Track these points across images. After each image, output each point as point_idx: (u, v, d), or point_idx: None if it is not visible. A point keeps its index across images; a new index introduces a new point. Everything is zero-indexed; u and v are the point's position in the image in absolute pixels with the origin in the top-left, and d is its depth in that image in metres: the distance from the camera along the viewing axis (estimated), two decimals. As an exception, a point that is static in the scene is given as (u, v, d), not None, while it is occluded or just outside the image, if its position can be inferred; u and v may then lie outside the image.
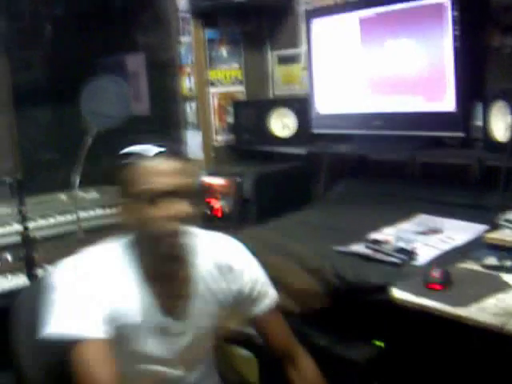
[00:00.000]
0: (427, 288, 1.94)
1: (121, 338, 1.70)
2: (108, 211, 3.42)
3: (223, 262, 1.86)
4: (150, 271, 1.74)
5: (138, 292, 1.73)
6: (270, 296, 1.94)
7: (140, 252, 1.74)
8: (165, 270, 1.75)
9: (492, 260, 2.06)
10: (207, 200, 3.27)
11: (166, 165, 1.65)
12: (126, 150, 1.71)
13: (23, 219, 2.66)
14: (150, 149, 1.68)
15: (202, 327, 1.85)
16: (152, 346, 1.76)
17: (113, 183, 1.75)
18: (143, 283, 1.74)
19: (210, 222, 3.26)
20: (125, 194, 1.70)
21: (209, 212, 3.25)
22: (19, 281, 2.89)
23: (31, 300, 1.97)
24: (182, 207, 1.64)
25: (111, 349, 1.64)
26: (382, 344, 2.32)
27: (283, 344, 1.98)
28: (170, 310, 1.77)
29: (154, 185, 1.63)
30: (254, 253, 1.98)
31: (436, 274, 1.95)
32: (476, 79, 2.69)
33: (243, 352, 2.52)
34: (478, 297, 1.84)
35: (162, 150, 1.67)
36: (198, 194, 1.72)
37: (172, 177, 1.64)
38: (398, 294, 1.98)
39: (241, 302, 1.91)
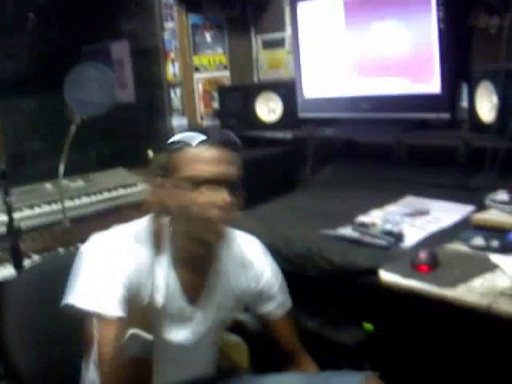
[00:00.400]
0: (414, 269, 1.94)
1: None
2: (94, 199, 3.39)
3: (247, 259, 1.92)
4: (180, 255, 1.76)
5: (165, 275, 1.75)
6: (285, 301, 2.01)
7: (173, 235, 1.74)
8: (196, 255, 1.77)
9: (479, 241, 2.06)
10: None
11: (210, 153, 1.67)
12: (174, 137, 1.74)
13: (9, 209, 2.64)
14: (196, 136, 1.70)
15: (219, 318, 1.87)
16: (172, 331, 1.79)
17: (157, 168, 1.74)
18: (171, 267, 1.76)
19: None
20: (169, 179, 1.68)
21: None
22: (6, 272, 2.87)
23: (20, 290, 1.96)
24: (223, 195, 1.65)
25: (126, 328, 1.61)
26: (371, 326, 2.33)
27: (290, 348, 2.03)
28: (193, 297, 1.80)
29: (198, 171, 1.65)
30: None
31: (423, 255, 1.95)
32: (461, 60, 2.69)
33: (234, 338, 2.52)
34: (465, 277, 1.84)
35: (207, 138, 1.69)
36: (239, 183, 1.74)
37: (215, 165, 1.66)
38: (385, 276, 1.98)
39: (257, 300, 1.96)
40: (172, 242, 1.75)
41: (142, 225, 1.76)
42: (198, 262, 1.80)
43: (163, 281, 1.74)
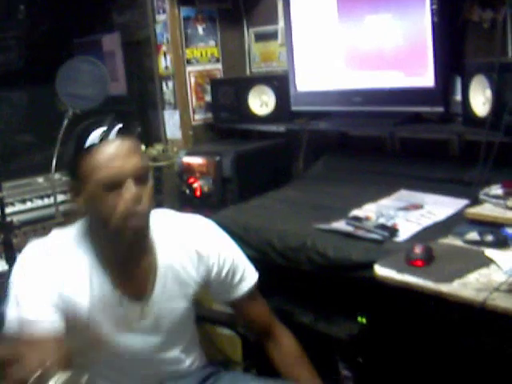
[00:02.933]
0: (409, 264, 1.94)
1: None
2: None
3: (191, 247, 1.86)
4: (108, 258, 1.75)
5: (96, 278, 1.74)
6: (248, 277, 1.95)
7: (98, 239, 1.75)
8: (126, 257, 1.76)
9: (473, 235, 2.07)
10: (188, 180, 3.26)
11: (108, 152, 1.63)
12: (75, 138, 1.69)
13: (1, 204, 2.63)
14: (96, 135, 1.65)
15: (167, 311, 1.84)
16: (115, 331, 1.77)
17: (69, 174, 1.73)
18: (101, 269, 1.75)
19: (190, 201, 3.25)
20: (83, 183, 1.67)
21: (188, 192, 3.24)
22: (-2, 266, 2.87)
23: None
24: (136, 191, 1.64)
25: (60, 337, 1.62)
26: (365, 321, 2.33)
27: (263, 323, 2.00)
28: (130, 295, 1.78)
29: (105, 173, 1.62)
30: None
31: (418, 250, 1.95)
32: (455, 54, 2.68)
33: (226, 331, 2.52)
34: (460, 272, 1.84)
35: (107, 134, 1.65)
36: (146, 171, 1.70)
37: (122, 161, 1.63)
38: (380, 270, 1.98)
39: (215, 286, 1.92)
40: (98, 245, 1.75)
41: (67, 231, 1.80)
42: (130, 261, 1.78)
43: (95, 283, 1.74)
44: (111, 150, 1.63)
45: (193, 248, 1.86)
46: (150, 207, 1.70)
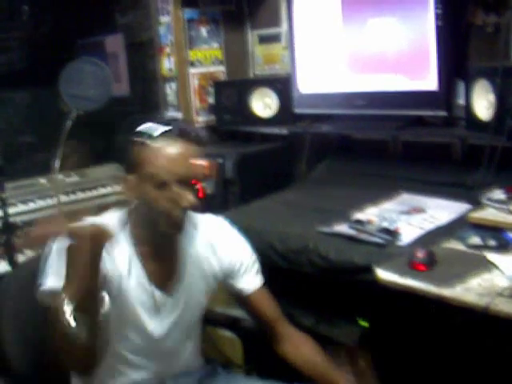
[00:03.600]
0: (412, 268, 1.94)
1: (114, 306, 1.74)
2: (89, 194, 3.38)
3: (214, 240, 1.92)
4: (144, 245, 1.80)
5: (131, 264, 1.78)
6: (257, 276, 1.99)
7: (138, 226, 1.80)
8: (159, 247, 1.81)
9: (476, 239, 2.06)
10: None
11: (173, 149, 1.69)
12: (142, 127, 1.74)
13: (3, 205, 2.63)
14: (158, 128, 1.71)
15: (191, 304, 1.89)
16: (145, 320, 1.81)
17: (124, 159, 1.78)
18: (137, 256, 1.79)
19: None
20: (135, 172, 1.73)
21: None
22: (0, 267, 2.86)
23: (14, 286, 1.95)
24: (188, 197, 1.68)
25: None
26: (366, 324, 2.33)
27: (270, 320, 1.99)
28: (161, 285, 1.82)
29: (161, 171, 1.68)
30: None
31: (420, 254, 1.95)
32: (458, 58, 2.68)
33: (228, 334, 2.52)
34: (462, 277, 1.84)
35: (169, 129, 1.71)
36: (203, 179, 1.75)
37: (178, 165, 1.68)
38: (382, 274, 1.98)
39: (230, 278, 1.95)
40: (137, 232, 1.80)
41: (110, 215, 1.85)
42: (161, 250, 1.83)
43: (130, 269, 1.77)
44: (171, 150, 1.68)
45: (216, 242, 1.92)
46: (190, 208, 1.73)
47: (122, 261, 1.77)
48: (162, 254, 1.84)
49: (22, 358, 1.95)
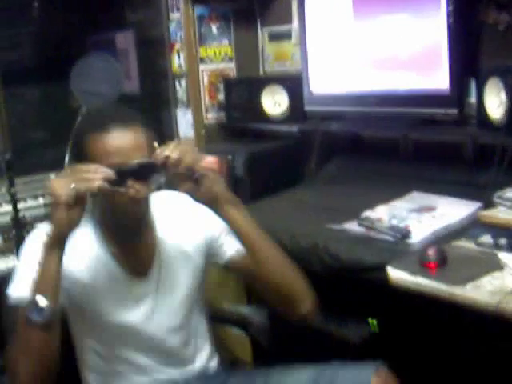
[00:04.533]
0: (422, 267, 1.93)
1: (87, 303, 1.74)
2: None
3: (184, 215, 1.87)
4: (110, 235, 1.77)
5: (99, 254, 1.75)
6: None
7: (100, 217, 1.77)
8: (125, 235, 1.77)
9: (487, 238, 2.05)
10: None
11: (114, 141, 1.61)
12: (86, 120, 1.74)
13: (13, 200, 2.63)
14: (99, 121, 1.67)
15: (175, 287, 1.83)
16: (124, 311, 1.77)
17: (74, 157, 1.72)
18: (104, 246, 1.76)
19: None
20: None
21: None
22: (10, 262, 2.87)
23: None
24: (139, 188, 1.61)
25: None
26: (376, 323, 2.32)
27: None
28: (134, 271, 1.78)
29: (109, 163, 1.59)
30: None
31: (431, 252, 1.94)
32: (470, 56, 2.67)
33: (235, 331, 2.51)
34: (473, 276, 1.83)
35: (118, 120, 1.65)
36: (151, 165, 1.63)
37: (128, 154, 1.60)
38: (392, 273, 1.97)
39: (213, 248, 1.89)
40: (101, 225, 1.77)
41: None
42: (128, 238, 1.78)
43: (99, 260, 1.75)
44: (117, 139, 1.62)
45: (185, 218, 1.87)
46: (148, 202, 1.72)
47: (90, 255, 1.74)
48: (131, 241, 1.78)
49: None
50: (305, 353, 2.52)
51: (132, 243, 1.79)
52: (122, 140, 1.62)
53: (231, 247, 1.87)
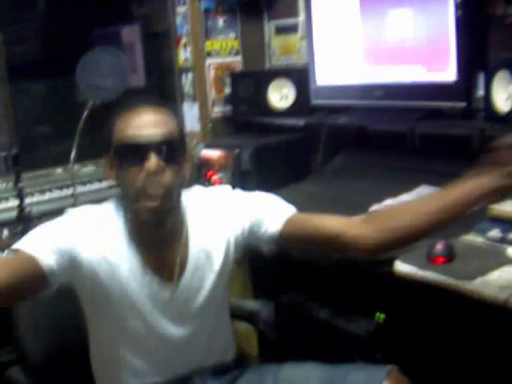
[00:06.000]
0: (431, 261, 1.93)
1: (111, 293, 1.70)
2: (105, 184, 3.38)
3: (219, 211, 1.82)
4: (138, 236, 1.72)
5: (126, 255, 1.70)
6: (280, 211, 1.84)
7: (126, 213, 1.72)
8: (154, 238, 1.72)
9: (496, 232, 2.04)
10: (206, 173, 3.25)
11: (147, 116, 1.63)
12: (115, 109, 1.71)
13: (20, 195, 2.63)
14: (135, 102, 1.70)
15: (202, 291, 1.79)
16: (144, 306, 1.73)
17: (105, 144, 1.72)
18: (132, 246, 1.71)
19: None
20: (109, 150, 1.69)
21: (206, 185, 3.23)
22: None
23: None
24: (157, 165, 1.59)
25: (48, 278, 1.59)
26: (384, 316, 2.32)
27: (330, 230, 1.79)
28: (161, 273, 1.73)
29: (127, 140, 1.61)
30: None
31: (439, 246, 1.93)
32: (478, 48, 2.64)
33: (242, 325, 2.51)
34: (482, 270, 1.82)
35: (145, 101, 1.69)
36: (176, 143, 1.66)
37: (147, 130, 1.61)
38: (401, 267, 1.97)
39: (254, 230, 1.83)
40: (127, 220, 1.72)
41: (106, 205, 1.79)
42: (156, 237, 1.73)
43: (124, 256, 1.70)
44: (139, 117, 1.63)
45: (217, 219, 1.81)
46: (171, 188, 1.65)
47: (115, 249, 1.70)
48: (158, 244, 1.73)
49: (39, 347, 1.96)
50: (312, 347, 2.52)
51: (161, 250, 1.74)
52: (147, 117, 1.63)
53: (275, 221, 1.80)
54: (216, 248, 1.81)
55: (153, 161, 1.59)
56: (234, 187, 1.90)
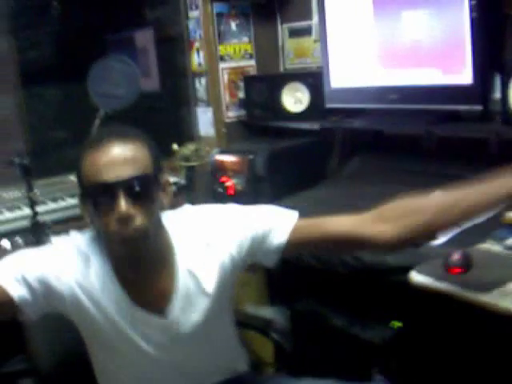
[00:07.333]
0: (447, 271, 1.89)
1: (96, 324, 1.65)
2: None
3: (208, 236, 1.71)
4: (121, 263, 1.65)
5: (109, 284, 1.64)
6: (285, 217, 1.76)
7: (107, 247, 1.65)
8: (135, 263, 1.64)
9: (514, 241, 2.01)
10: (220, 178, 3.23)
11: (113, 154, 1.51)
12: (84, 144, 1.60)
13: (32, 205, 2.63)
14: (102, 136, 1.59)
15: (195, 312, 1.70)
16: (134, 334, 1.67)
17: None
18: (114, 276, 1.65)
19: (223, 200, 3.22)
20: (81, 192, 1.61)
21: (221, 190, 3.22)
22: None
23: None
24: (119, 205, 1.49)
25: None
26: (399, 325, 2.29)
27: (343, 230, 1.73)
28: (148, 307, 1.66)
29: (86, 183, 1.53)
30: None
31: (456, 257, 1.90)
32: (494, 50, 2.61)
33: (258, 335, 2.49)
34: (499, 281, 1.79)
35: (112, 135, 1.57)
36: (147, 179, 1.55)
37: (114, 168, 1.50)
38: (417, 277, 1.94)
39: (257, 245, 1.74)
40: (108, 252, 1.65)
41: (82, 236, 1.72)
42: (139, 267, 1.65)
43: (107, 288, 1.64)
44: (106, 155, 1.51)
45: (208, 241, 1.70)
46: (145, 229, 1.55)
47: (97, 281, 1.63)
48: (140, 272, 1.65)
49: (49, 358, 1.96)
50: (328, 354, 2.50)
51: (145, 280, 1.66)
52: (114, 154, 1.52)
53: (279, 233, 1.73)
54: (207, 271, 1.70)
55: (122, 204, 1.48)
56: (248, 193, 1.87)
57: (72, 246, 1.67)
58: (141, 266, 1.65)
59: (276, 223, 1.74)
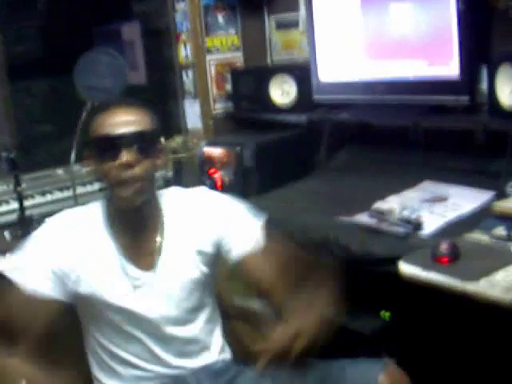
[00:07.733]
0: (435, 261, 1.90)
1: (93, 292, 1.78)
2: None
3: (196, 212, 1.90)
4: (119, 224, 1.82)
5: (106, 244, 1.80)
6: (251, 237, 1.89)
7: (108, 205, 1.84)
8: (131, 223, 1.82)
9: (501, 230, 2.02)
10: (208, 171, 3.23)
11: (120, 115, 1.73)
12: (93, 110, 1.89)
13: (20, 199, 2.62)
14: (110, 103, 1.84)
15: (178, 279, 1.84)
16: (124, 297, 1.80)
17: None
18: (111, 235, 1.81)
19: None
20: (89, 146, 1.80)
21: (209, 183, 3.21)
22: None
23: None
24: (129, 159, 1.69)
25: (52, 306, 1.75)
26: (388, 316, 2.30)
27: (265, 284, 1.86)
28: (137, 260, 1.81)
29: (100, 135, 1.72)
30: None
31: (444, 246, 1.91)
32: (481, 42, 2.61)
33: (243, 325, 2.49)
34: (487, 270, 1.80)
35: (120, 102, 1.84)
36: (150, 142, 1.77)
37: (120, 126, 1.71)
38: (405, 267, 1.95)
39: (222, 246, 1.89)
40: (107, 210, 1.84)
41: (94, 203, 1.90)
42: (131, 225, 1.82)
43: (104, 249, 1.80)
44: (112, 116, 1.73)
45: (197, 213, 1.89)
46: (143, 178, 1.74)
47: (94, 240, 1.80)
48: (134, 230, 1.82)
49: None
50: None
51: (139, 241, 1.83)
52: (121, 115, 1.74)
53: (241, 247, 1.87)
54: (196, 240, 1.87)
55: (124, 155, 1.69)
56: (236, 185, 1.90)
57: (70, 222, 1.84)
58: (135, 225, 1.83)
59: (238, 236, 1.89)
